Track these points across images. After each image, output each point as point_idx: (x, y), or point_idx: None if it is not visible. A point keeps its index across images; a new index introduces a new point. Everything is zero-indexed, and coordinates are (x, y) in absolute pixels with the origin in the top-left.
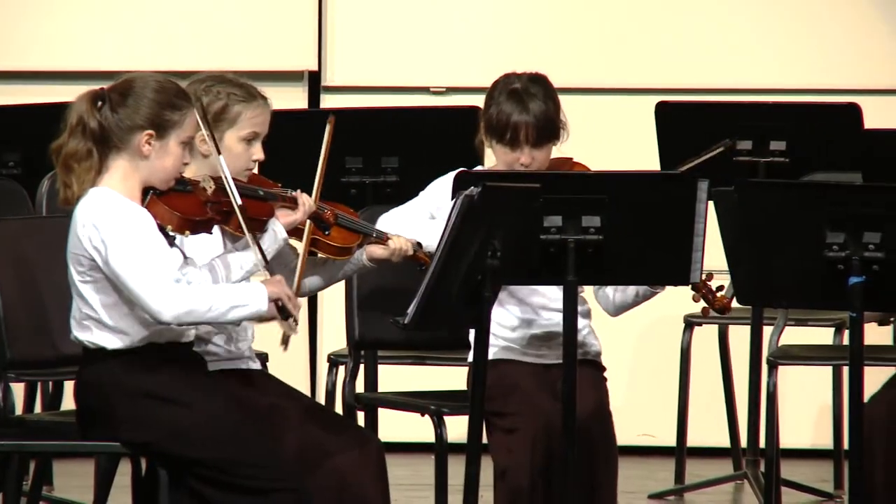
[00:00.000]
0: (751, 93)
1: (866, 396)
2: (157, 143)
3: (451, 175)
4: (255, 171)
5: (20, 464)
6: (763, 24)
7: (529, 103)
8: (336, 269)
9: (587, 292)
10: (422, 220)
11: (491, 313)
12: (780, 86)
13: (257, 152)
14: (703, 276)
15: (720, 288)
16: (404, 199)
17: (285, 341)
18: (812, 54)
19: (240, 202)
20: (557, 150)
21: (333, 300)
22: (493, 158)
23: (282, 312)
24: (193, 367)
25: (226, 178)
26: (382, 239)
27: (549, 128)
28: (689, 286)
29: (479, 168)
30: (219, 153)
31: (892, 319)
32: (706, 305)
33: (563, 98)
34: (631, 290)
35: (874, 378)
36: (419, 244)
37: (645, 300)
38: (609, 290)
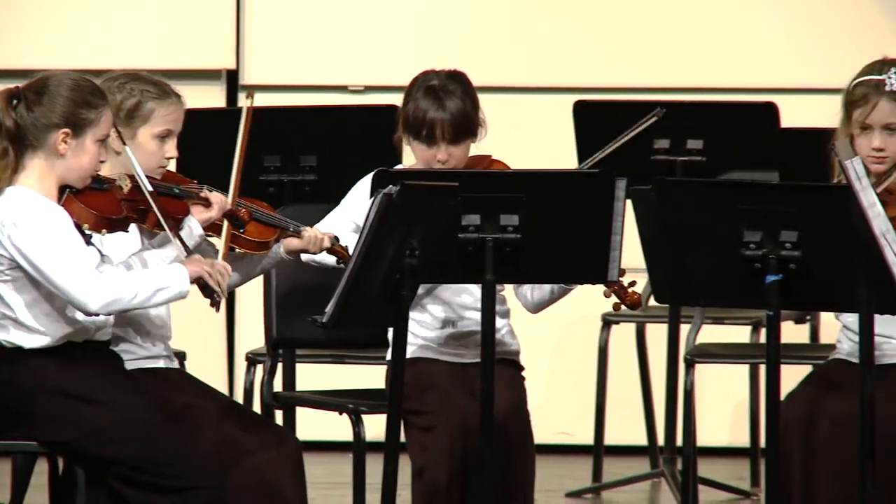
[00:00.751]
0: (668, 92)
1: (783, 394)
2: (73, 141)
3: (370, 177)
4: (174, 168)
5: None
6: (678, 24)
7: (446, 100)
8: (254, 264)
9: (507, 291)
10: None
11: (409, 312)
12: (698, 84)
13: (171, 150)
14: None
15: (632, 283)
16: (323, 197)
17: (214, 304)
18: (729, 53)
19: (155, 198)
20: (476, 148)
21: (251, 298)
22: (412, 157)
23: (204, 290)
24: (111, 365)
25: (139, 176)
26: (299, 232)
27: (466, 125)
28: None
29: (398, 167)
30: (121, 150)
31: (808, 318)
32: (618, 301)
33: (482, 96)
34: (546, 287)
35: (791, 376)
36: (336, 238)
37: (561, 297)
38: (526, 288)
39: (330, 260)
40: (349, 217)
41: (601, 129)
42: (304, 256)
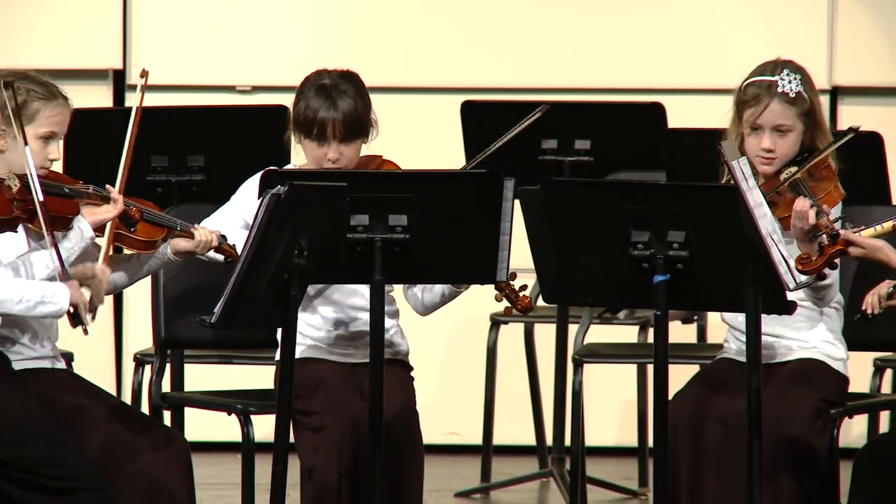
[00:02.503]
0: (556, 92)
1: (671, 394)
2: None
3: (259, 176)
4: (60, 170)
5: None
6: (566, 25)
7: (338, 100)
8: (140, 264)
9: (396, 292)
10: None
11: (298, 312)
12: (585, 85)
13: (53, 152)
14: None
15: (523, 287)
16: (211, 197)
17: (82, 328)
18: (616, 54)
19: (42, 199)
20: (367, 148)
21: (139, 299)
22: (302, 157)
23: (74, 318)
24: None
25: (31, 174)
26: (187, 232)
27: (358, 124)
28: (494, 285)
29: (288, 167)
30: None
31: (695, 318)
32: (509, 305)
33: (373, 97)
34: (437, 289)
35: (678, 376)
36: (224, 236)
37: (451, 299)
38: (417, 290)
39: (218, 257)
40: (238, 214)
41: (489, 128)
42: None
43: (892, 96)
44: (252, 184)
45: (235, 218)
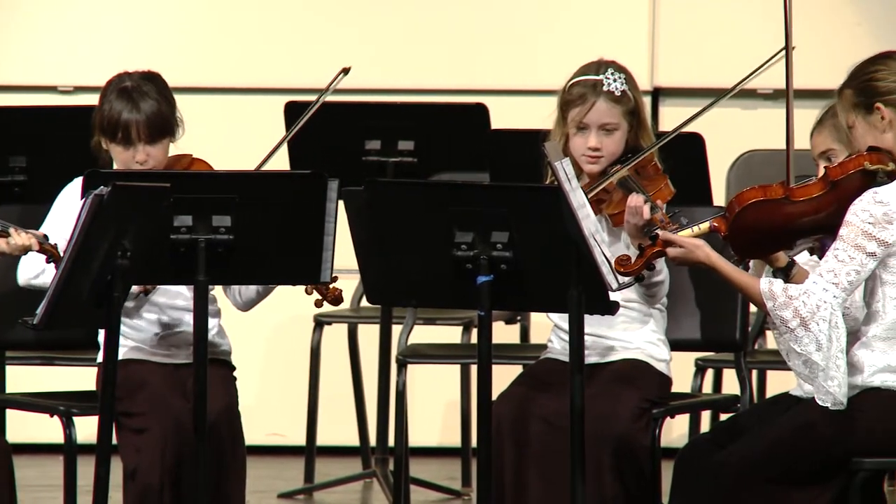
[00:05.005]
0: (379, 93)
1: (494, 394)
2: None
3: (79, 180)
4: None
5: None
6: (388, 25)
7: (140, 102)
8: None
9: (217, 290)
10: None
11: (121, 313)
12: (409, 86)
13: None
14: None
15: (334, 279)
16: (32, 198)
17: None
18: (440, 55)
19: None
20: (175, 147)
21: None
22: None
23: None
24: None
25: None
26: (4, 234)
27: (163, 125)
28: None
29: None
30: None
31: (518, 318)
32: (320, 297)
33: (189, 98)
34: (253, 286)
35: (502, 376)
36: (46, 236)
37: (267, 294)
38: (234, 286)
39: (40, 258)
40: (64, 216)
41: (313, 129)
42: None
43: (713, 97)
44: (74, 187)
45: (61, 221)
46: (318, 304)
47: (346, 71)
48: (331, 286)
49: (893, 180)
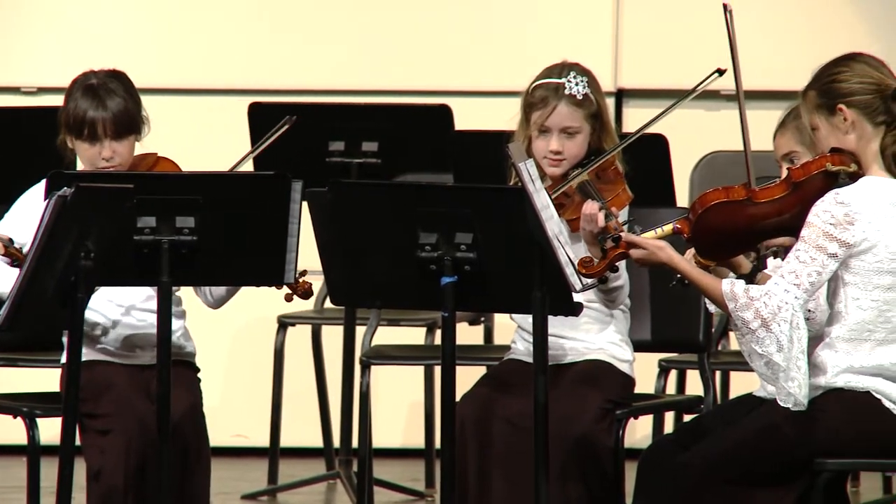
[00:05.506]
0: (343, 94)
1: (458, 395)
2: None
3: (42, 184)
4: None
5: None
6: (352, 26)
7: (107, 99)
8: None
9: (184, 290)
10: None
11: (85, 315)
12: (373, 87)
13: None
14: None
15: (303, 273)
16: None
17: None
18: (403, 56)
19: None
20: (141, 147)
21: None
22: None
23: None
24: None
25: None
26: None
27: (128, 122)
28: None
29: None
30: None
31: (482, 319)
32: (290, 292)
33: (153, 98)
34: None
35: (466, 377)
36: (11, 240)
37: (237, 290)
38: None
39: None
40: (27, 219)
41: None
42: None
43: (677, 99)
44: (37, 190)
45: (24, 224)
46: (288, 298)
47: (291, 122)
48: (300, 280)
49: (855, 181)
